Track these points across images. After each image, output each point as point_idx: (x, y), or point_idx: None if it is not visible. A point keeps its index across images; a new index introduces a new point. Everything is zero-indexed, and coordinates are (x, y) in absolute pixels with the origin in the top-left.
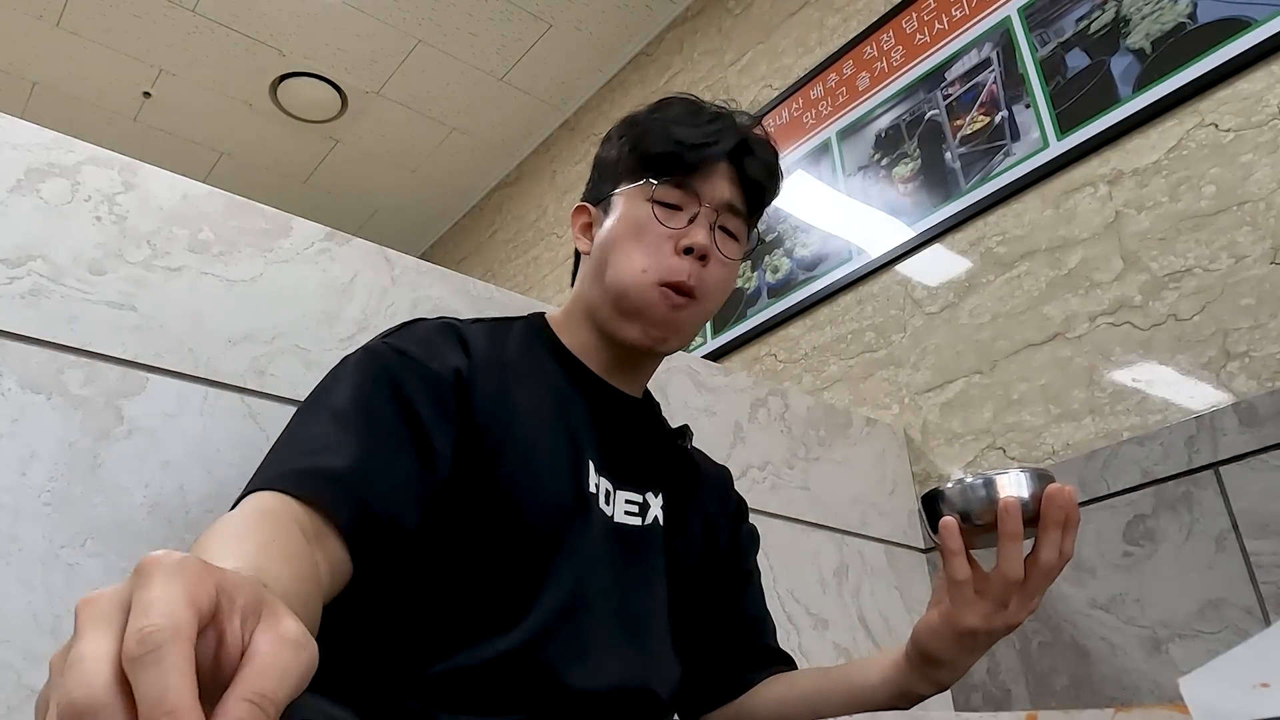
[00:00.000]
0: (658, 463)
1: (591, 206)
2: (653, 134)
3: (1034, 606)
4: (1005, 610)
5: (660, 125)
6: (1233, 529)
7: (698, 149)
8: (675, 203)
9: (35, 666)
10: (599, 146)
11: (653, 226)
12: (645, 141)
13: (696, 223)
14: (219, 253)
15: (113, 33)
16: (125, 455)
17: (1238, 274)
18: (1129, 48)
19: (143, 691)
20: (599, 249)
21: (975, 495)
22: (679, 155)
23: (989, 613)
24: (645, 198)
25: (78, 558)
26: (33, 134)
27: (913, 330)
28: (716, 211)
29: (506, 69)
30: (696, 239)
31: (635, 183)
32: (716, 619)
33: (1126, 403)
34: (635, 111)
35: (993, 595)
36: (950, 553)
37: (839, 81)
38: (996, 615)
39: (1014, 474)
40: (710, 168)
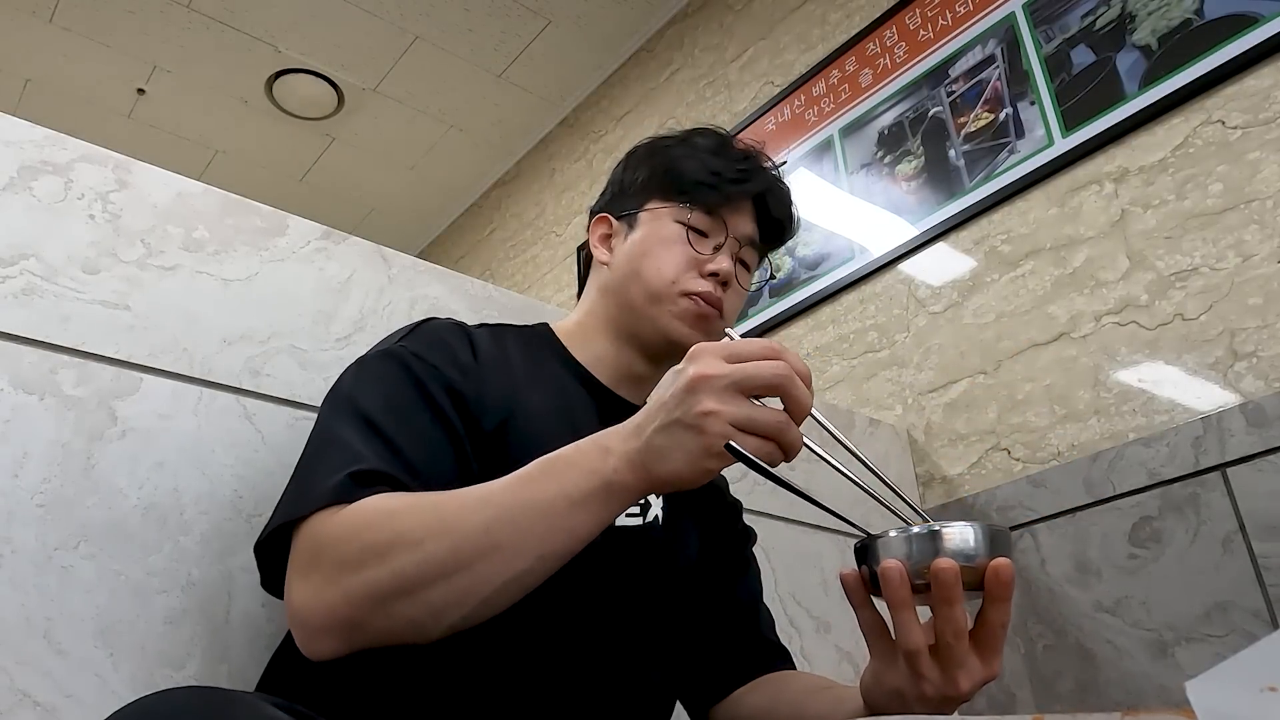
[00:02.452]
0: None
1: (613, 219)
2: (688, 161)
3: (984, 674)
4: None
5: (695, 154)
6: (1240, 531)
7: (733, 183)
8: (704, 229)
9: (28, 670)
10: (621, 161)
11: (681, 248)
12: (681, 167)
13: (722, 251)
14: (214, 251)
15: (106, 29)
16: (119, 456)
17: (1245, 273)
18: (1135, 44)
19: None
20: (625, 260)
21: (921, 551)
22: (714, 186)
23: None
24: (677, 219)
25: (71, 560)
26: (25, 131)
27: (916, 330)
28: (739, 243)
29: (505, 65)
30: (722, 266)
31: (667, 203)
32: (713, 608)
33: (1132, 403)
34: (663, 135)
35: (924, 664)
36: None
37: (841, 78)
38: (927, 684)
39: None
40: (739, 202)
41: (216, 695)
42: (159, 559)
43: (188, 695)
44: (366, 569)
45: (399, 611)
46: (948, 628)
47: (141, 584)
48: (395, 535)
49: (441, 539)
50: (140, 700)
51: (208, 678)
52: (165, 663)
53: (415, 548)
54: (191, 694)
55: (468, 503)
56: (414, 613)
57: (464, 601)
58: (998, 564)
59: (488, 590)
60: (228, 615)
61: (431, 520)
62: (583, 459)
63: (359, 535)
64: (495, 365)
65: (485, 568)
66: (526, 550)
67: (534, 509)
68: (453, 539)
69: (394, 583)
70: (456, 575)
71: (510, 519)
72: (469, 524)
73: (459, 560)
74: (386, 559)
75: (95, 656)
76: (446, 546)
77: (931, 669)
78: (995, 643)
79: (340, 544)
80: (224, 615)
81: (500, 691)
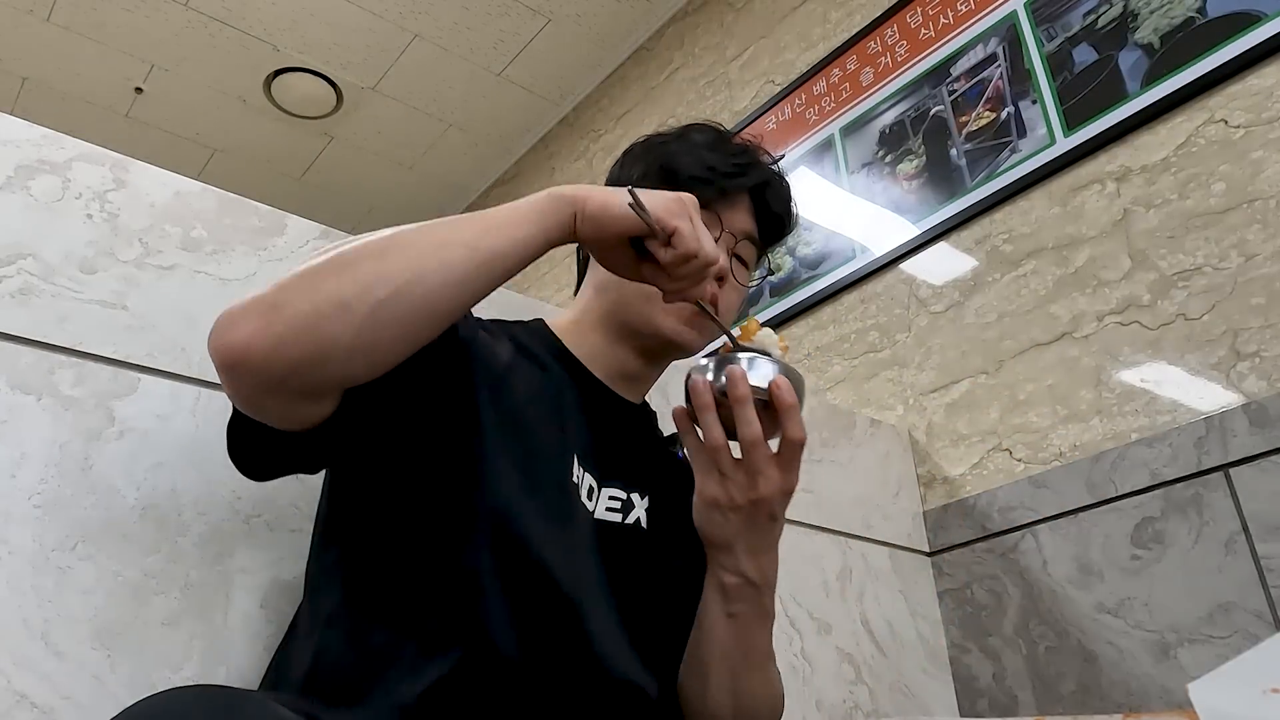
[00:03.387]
0: (646, 466)
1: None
2: (683, 156)
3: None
4: (746, 483)
5: (690, 149)
6: (1243, 532)
7: (729, 177)
8: None
9: (25, 671)
10: (618, 160)
11: None
12: (676, 162)
13: (717, 246)
14: (212, 251)
15: (104, 27)
16: (117, 457)
17: (1248, 273)
18: (1137, 42)
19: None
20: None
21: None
22: (710, 181)
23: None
24: None
25: (68, 561)
26: (22, 130)
27: (917, 330)
28: (736, 238)
29: (504, 64)
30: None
31: None
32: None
33: (1135, 403)
34: (660, 132)
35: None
36: (702, 408)
37: (842, 77)
38: (734, 486)
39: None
40: (736, 196)
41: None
42: (157, 560)
43: (197, 695)
44: (307, 263)
45: (325, 286)
46: (744, 430)
47: (139, 585)
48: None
49: (382, 233)
50: (147, 699)
51: (206, 679)
52: (163, 664)
53: (352, 241)
54: (200, 693)
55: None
56: (340, 286)
57: (393, 277)
58: (775, 379)
59: (417, 270)
60: (226, 616)
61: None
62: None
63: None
64: (487, 343)
65: (419, 249)
66: (463, 240)
67: (473, 217)
68: (393, 232)
69: (330, 261)
70: (390, 252)
71: (450, 221)
72: (411, 226)
73: (395, 243)
74: (328, 252)
75: (93, 658)
76: (386, 235)
77: (735, 470)
78: (790, 455)
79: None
80: (222, 616)
81: (494, 689)
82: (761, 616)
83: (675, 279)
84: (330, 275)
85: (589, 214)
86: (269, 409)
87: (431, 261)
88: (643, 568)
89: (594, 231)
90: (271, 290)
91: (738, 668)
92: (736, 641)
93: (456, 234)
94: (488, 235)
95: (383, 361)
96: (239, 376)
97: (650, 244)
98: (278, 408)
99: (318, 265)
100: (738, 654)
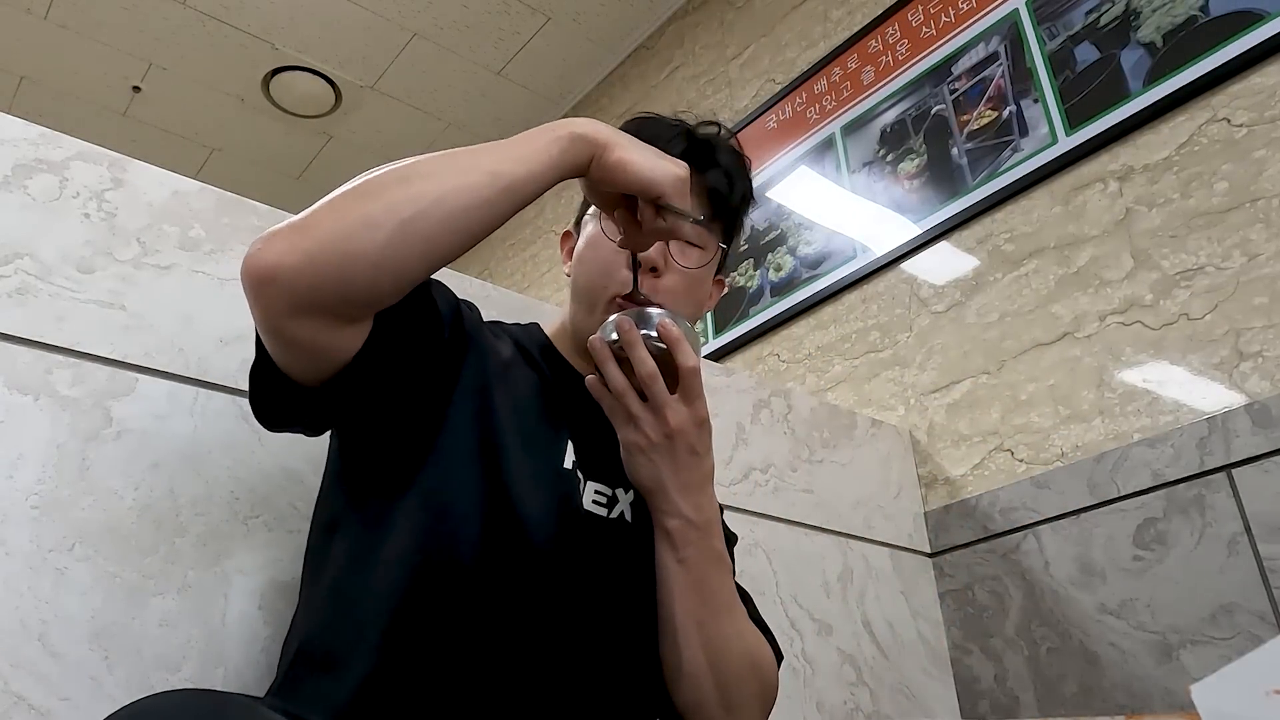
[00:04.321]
0: None
1: (574, 231)
2: None
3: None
4: (655, 420)
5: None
6: (1246, 532)
7: None
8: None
9: (23, 673)
10: None
11: (604, 243)
12: None
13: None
14: (210, 251)
15: (102, 26)
16: (114, 457)
17: (1250, 272)
18: (1139, 41)
19: None
20: (573, 270)
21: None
22: None
23: (639, 424)
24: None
25: (66, 562)
26: (20, 129)
27: (918, 330)
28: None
29: (504, 63)
30: (649, 254)
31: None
32: None
33: (1137, 404)
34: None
35: (633, 403)
36: (602, 360)
37: (843, 76)
38: (645, 424)
39: (640, 309)
40: None
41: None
42: (155, 561)
43: (185, 697)
44: (329, 196)
45: (353, 208)
46: (639, 369)
47: (137, 586)
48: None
49: (405, 162)
50: (137, 702)
51: (203, 681)
52: (161, 665)
53: (377, 170)
54: (188, 696)
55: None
56: (368, 208)
57: (417, 200)
58: (660, 320)
59: (439, 194)
60: (224, 618)
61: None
62: None
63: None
64: (491, 341)
65: (441, 174)
66: (483, 166)
67: (493, 147)
68: (414, 161)
69: (356, 188)
70: (413, 179)
71: (470, 150)
72: (432, 155)
73: (418, 170)
74: (349, 185)
75: (90, 659)
76: (407, 164)
77: (643, 410)
78: (689, 384)
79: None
80: (220, 618)
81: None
82: (713, 559)
83: (646, 234)
84: (357, 198)
85: (605, 164)
86: (297, 334)
87: (453, 185)
88: (627, 560)
89: (603, 179)
90: (301, 216)
91: (702, 616)
92: (695, 589)
93: (478, 161)
94: (508, 163)
95: (408, 277)
96: (270, 294)
97: (645, 209)
98: (305, 332)
99: (345, 191)
100: (699, 602)
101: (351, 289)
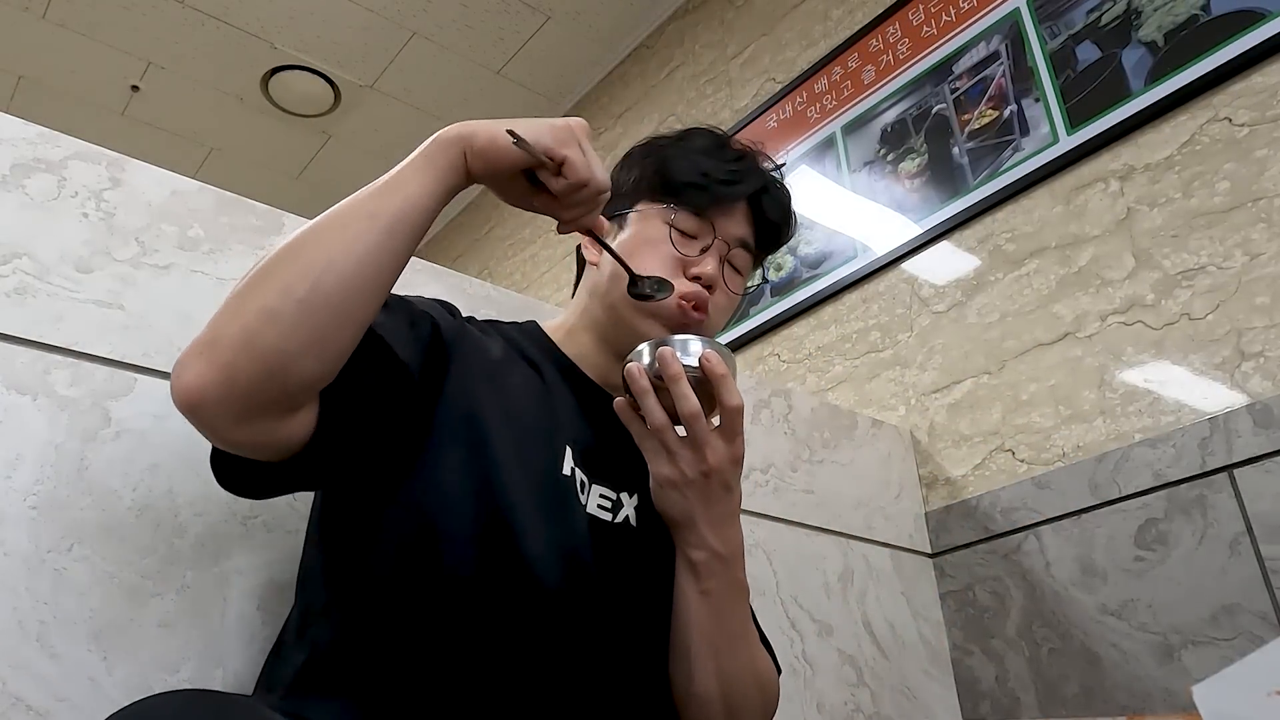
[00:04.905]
0: (636, 466)
1: (605, 219)
2: (679, 161)
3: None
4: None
5: (687, 154)
6: (1247, 533)
7: (722, 184)
8: (691, 231)
9: (21, 674)
10: (620, 160)
11: (667, 249)
12: (670, 167)
13: (709, 253)
14: (209, 250)
15: (100, 25)
16: (113, 457)
17: (1252, 272)
18: (1141, 40)
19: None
20: (606, 268)
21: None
22: (703, 187)
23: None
24: (664, 220)
25: (64, 562)
26: (18, 128)
27: (919, 330)
28: (729, 245)
29: (503, 62)
30: (706, 269)
31: (655, 204)
32: None
33: (1138, 404)
34: (659, 135)
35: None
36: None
37: (844, 75)
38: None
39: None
40: (730, 204)
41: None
42: (153, 561)
43: (185, 699)
44: (229, 294)
45: (250, 304)
46: (682, 406)
47: (136, 587)
48: (261, 258)
49: (293, 234)
50: (136, 703)
51: (203, 681)
52: (160, 666)
53: (270, 251)
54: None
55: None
56: (263, 298)
57: (308, 271)
58: (704, 353)
59: (327, 256)
60: (223, 619)
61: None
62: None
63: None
64: (473, 338)
65: (323, 236)
66: (359, 211)
67: (366, 188)
68: (301, 230)
69: (248, 281)
70: (299, 250)
71: (350, 199)
72: (317, 219)
73: (300, 240)
74: (246, 275)
75: (89, 660)
76: (295, 236)
77: (681, 445)
78: (731, 423)
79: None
80: (219, 619)
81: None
82: (735, 590)
83: (568, 207)
84: (252, 290)
85: (477, 150)
86: (248, 440)
87: (339, 243)
88: (632, 565)
89: (485, 168)
90: (206, 328)
91: (719, 646)
92: (714, 619)
93: (355, 208)
94: (383, 199)
95: (333, 351)
96: (204, 416)
97: (542, 175)
98: (255, 436)
99: (241, 287)
100: (717, 631)
101: (280, 384)
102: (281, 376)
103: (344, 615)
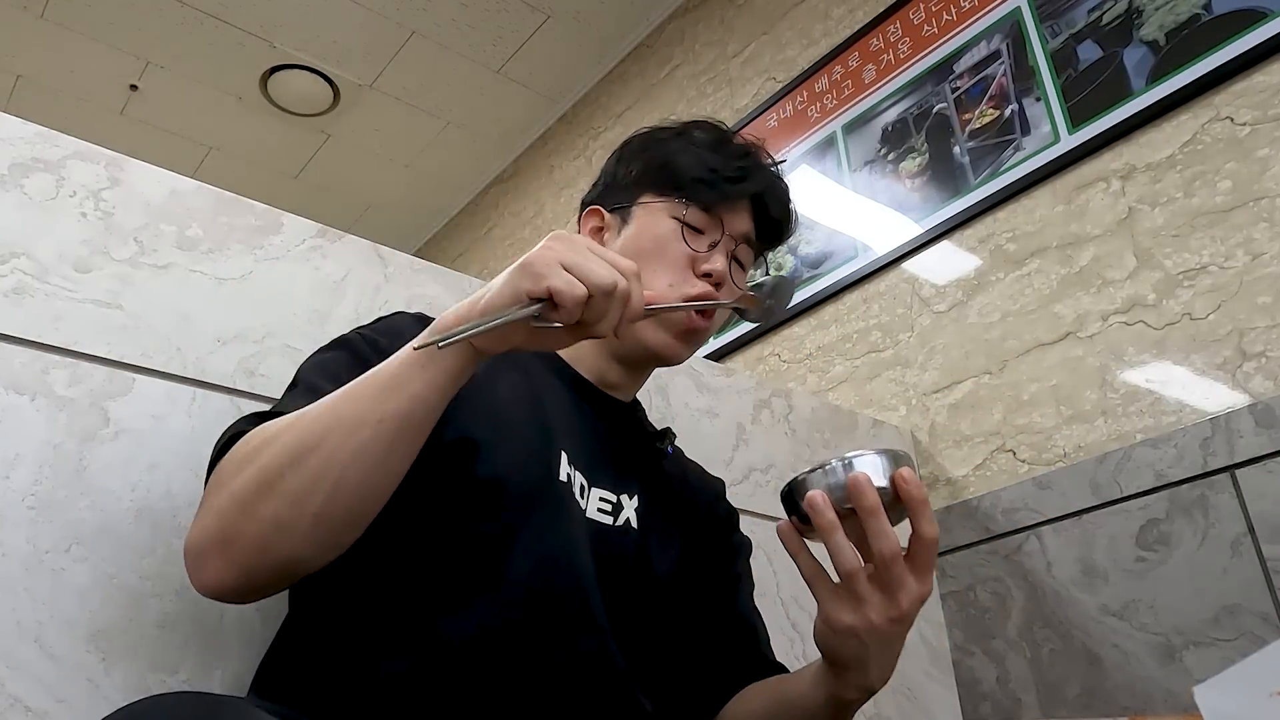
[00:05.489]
0: (636, 466)
1: (605, 212)
2: (684, 156)
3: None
4: (885, 601)
5: (692, 149)
6: (1249, 533)
7: (731, 181)
8: (699, 226)
9: (19, 675)
10: (615, 152)
11: (676, 245)
12: (677, 161)
13: (717, 250)
14: (208, 250)
15: (99, 24)
16: (111, 458)
17: (1254, 272)
18: (1142, 39)
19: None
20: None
21: (835, 479)
22: (712, 183)
23: (862, 608)
24: (672, 215)
25: (63, 563)
26: (16, 128)
27: (920, 329)
28: (735, 241)
29: (503, 61)
30: (716, 266)
31: (662, 198)
32: (702, 624)
33: (1140, 404)
34: (659, 127)
35: (862, 586)
36: (828, 529)
37: (844, 74)
38: (871, 608)
39: (869, 456)
40: (737, 200)
41: (207, 700)
42: (152, 562)
43: (179, 700)
44: (235, 478)
45: (261, 511)
46: (879, 543)
47: (134, 587)
48: (262, 442)
49: (293, 430)
50: (131, 705)
51: (201, 682)
52: (158, 667)
53: (272, 443)
54: (183, 699)
55: (323, 399)
56: (275, 507)
57: (318, 484)
58: (899, 473)
59: (338, 467)
60: (221, 619)
61: (292, 420)
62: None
63: (234, 455)
64: None
65: (331, 442)
66: (366, 416)
67: (369, 379)
68: (301, 425)
69: (255, 480)
70: (306, 457)
71: (349, 394)
72: (315, 410)
73: (306, 443)
74: (251, 462)
75: (87, 661)
76: (296, 434)
77: (871, 591)
78: (927, 557)
79: (220, 471)
80: (217, 619)
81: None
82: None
83: (597, 321)
84: (261, 498)
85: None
86: (267, 595)
87: (347, 450)
88: (633, 568)
89: (495, 345)
90: (214, 522)
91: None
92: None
93: (360, 409)
94: (390, 400)
95: (348, 541)
96: (230, 600)
97: (546, 319)
98: (274, 590)
99: (246, 488)
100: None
101: (295, 575)
102: (296, 570)
103: (340, 617)
